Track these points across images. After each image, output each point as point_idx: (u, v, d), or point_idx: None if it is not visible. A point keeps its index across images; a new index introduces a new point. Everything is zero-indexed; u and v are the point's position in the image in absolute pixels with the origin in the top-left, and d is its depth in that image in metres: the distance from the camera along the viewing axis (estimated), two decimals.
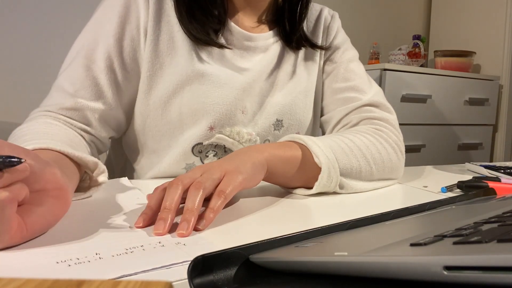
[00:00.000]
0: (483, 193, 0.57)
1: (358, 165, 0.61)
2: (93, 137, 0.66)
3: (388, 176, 0.66)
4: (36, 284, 0.19)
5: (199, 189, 0.43)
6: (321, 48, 0.79)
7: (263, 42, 0.73)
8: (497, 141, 2.53)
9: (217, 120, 0.67)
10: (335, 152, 0.59)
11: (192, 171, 0.48)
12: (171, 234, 0.39)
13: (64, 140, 0.55)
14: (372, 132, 0.68)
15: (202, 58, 0.67)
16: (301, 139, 0.59)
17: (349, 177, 0.60)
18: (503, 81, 2.46)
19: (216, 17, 0.68)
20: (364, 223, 0.39)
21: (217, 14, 0.68)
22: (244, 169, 0.49)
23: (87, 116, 0.63)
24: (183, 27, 0.66)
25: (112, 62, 0.63)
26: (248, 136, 0.70)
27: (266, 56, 0.73)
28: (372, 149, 0.63)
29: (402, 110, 1.97)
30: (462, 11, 2.66)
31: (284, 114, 0.74)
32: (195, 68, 0.66)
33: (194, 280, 0.27)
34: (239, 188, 0.48)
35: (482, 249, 0.20)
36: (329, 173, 0.56)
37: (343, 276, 0.25)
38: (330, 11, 0.84)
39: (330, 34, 0.81)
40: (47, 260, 0.32)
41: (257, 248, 0.31)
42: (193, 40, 0.66)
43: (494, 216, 0.32)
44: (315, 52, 0.79)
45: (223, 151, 0.70)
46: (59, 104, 0.62)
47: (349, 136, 0.64)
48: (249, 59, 0.72)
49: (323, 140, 0.60)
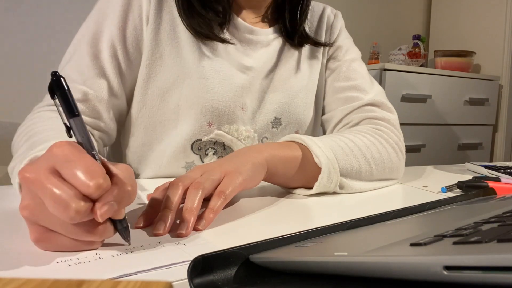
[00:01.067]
0: (483, 193, 0.57)
1: (358, 165, 0.61)
2: (102, 132, 0.65)
3: (388, 176, 0.67)
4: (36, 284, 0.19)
5: (198, 189, 0.43)
6: (324, 45, 0.79)
7: (265, 37, 0.73)
8: (497, 141, 2.53)
9: (215, 116, 0.67)
10: (335, 152, 0.59)
11: (192, 171, 0.48)
12: (171, 234, 0.39)
13: None
14: (372, 132, 0.68)
15: (205, 52, 0.67)
16: (301, 139, 0.59)
17: (349, 177, 0.60)
18: (503, 81, 2.46)
19: (221, 12, 0.68)
20: (364, 223, 0.39)
21: (221, 10, 0.68)
22: (244, 170, 0.49)
23: (97, 107, 0.63)
24: (184, 21, 0.66)
25: (116, 51, 0.63)
26: (247, 133, 0.70)
27: (267, 51, 0.73)
28: (372, 149, 0.63)
29: (402, 110, 1.97)
30: (462, 11, 2.66)
31: (283, 112, 0.74)
32: (197, 61, 0.66)
33: (194, 280, 0.27)
34: (239, 189, 0.48)
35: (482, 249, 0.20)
36: (329, 174, 0.56)
37: (343, 276, 0.25)
38: (333, 10, 0.84)
39: (333, 32, 0.81)
40: (47, 260, 0.32)
41: (257, 248, 0.31)
42: (195, 34, 0.66)
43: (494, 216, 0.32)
44: (318, 49, 0.79)
45: (223, 148, 0.70)
46: None
47: (350, 136, 0.64)
48: (251, 55, 0.72)
49: (323, 140, 0.60)
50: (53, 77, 0.32)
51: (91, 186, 0.30)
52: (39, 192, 0.31)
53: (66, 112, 0.33)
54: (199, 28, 0.66)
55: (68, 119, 0.33)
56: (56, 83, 0.32)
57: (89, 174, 0.30)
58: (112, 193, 0.32)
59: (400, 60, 2.41)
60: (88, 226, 0.32)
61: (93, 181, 0.30)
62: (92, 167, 0.31)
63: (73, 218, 0.30)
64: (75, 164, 0.31)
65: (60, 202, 0.30)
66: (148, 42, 0.65)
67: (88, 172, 0.30)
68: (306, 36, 0.77)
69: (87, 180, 0.30)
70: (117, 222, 0.34)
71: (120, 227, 0.35)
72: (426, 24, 2.90)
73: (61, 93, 0.32)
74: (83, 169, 0.31)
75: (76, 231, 0.32)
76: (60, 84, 0.32)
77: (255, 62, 0.71)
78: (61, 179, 0.31)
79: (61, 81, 0.32)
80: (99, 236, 0.33)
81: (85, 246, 0.34)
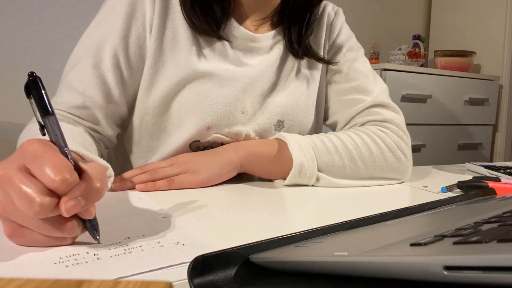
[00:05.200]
0: (483, 193, 0.57)
1: (342, 163, 0.65)
2: (101, 135, 0.66)
3: (384, 176, 0.67)
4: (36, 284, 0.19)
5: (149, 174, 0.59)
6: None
7: (267, 42, 0.73)
8: (497, 141, 2.53)
9: (215, 120, 0.66)
10: (317, 149, 0.64)
11: (165, 161, 0.63)
12: (171, 234, 0.39)
13: (78, 140, 0.55)
14: (370, 132, 0.68)
15: (205, 56, 0.67)
16: (284, 137, 0.65)
17: (331, 174, 0.65)
18: (503, 81, 2.46)
19: (219, 13, 0.67)
20: (364, 223, 0.39)
21: (220, 10, 0.67)
22: (207, 171, 0.61)
23: (95, 114, 0.64)
24: (185, 15, 0.65)
25: (118, 60, 0.64)
26: (247, 136, 0.70)
27: (269, 56, 0.73)
28: (362, 148, 0.66)
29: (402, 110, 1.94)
30: (462, 11, 2.66)
31: (286, 114, 0.73)
32: (197, 66, 0.65)
33: (194, 280, 0.27)
34: (191, 187, 0.60)
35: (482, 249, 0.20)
36: (301, 170, 0.63)
37: (343, 276, 0.25)
38: (334, 7, 0.82)
39: (333, 31, 0.79)
40: (45, 261, 0.32)
41: (257, 248, 0.31)
42: (194, 29, 0.66)
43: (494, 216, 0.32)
44: (319, 51, 0.78)
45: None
46: (69, 103, 0.62)
47: (341, 135, 0.67)
48: (252, 60, 0.71)
49: (308, 138, 0.66)
50: (30, 77, 0.33)
51: (57, 181, 0.30)
52: (8, 188, 0.31)
53: (40, 111, 0.33)
54: (198, 23, 0.65)
55: (42, 117, 0.34)
56: (33, 83, 0.33)
57: (55, 169, 0.31)
58: (80, 188, 0.32)
59: (400, 60, 2.41)
60: (56, 222, 0.33)
61: (58, 176, 0.31)
62: (59, 163, 0.31)
63: (38, 213, 0.30)
64: (43, 160, 0.31)
65: (25, 197, 0.30)
66: (152, 50, 0.65)
67: (55, 167, 0.31)
68: (310, 49, 0.76)
69: (52, 175, 0.31)
70: (86, 220, 0.35)
71: (89, 225, 0.35)
72: (426, 24, 2.90)
73: (36, 92, 0.33)
74: (50, 165, 0.31)
75: (45, 226, 0.33)
76: (36, 84, 0.33)
77: (256, 66, 0.71)
78: (28, 175, 0.31)
79: (37, 81, 0.33)
80: (67, 232, 0.34)
81: (56, 242, 0.34)
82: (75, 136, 0.56)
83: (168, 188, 0.58)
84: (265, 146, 0.66)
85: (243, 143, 0.66)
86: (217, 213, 0.48)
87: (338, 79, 0.78)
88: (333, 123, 0.80)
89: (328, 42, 0.80)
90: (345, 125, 0.76)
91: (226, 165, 0.63)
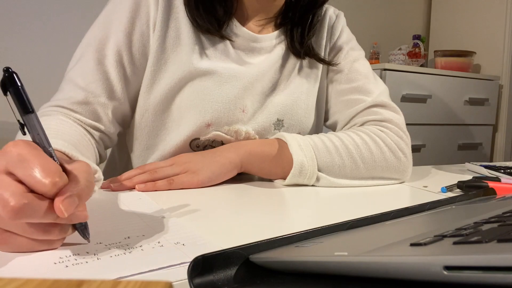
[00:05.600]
0: (483, 193, 0.57)
1: (342, 163, 0.65)
2: (102, 134, 0.66)
3: (384, 176, 0.68)
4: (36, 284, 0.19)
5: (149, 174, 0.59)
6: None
7: (269, 43, 0.73)
8: (497, 141, 2.53)
9: (215, 117, 0.67)
10: (317, 149, 0.64)
11: (165, 161, 0.63)
12: (171, 234, 0.39)
13: (72, 140, 0.54)
14: (370, 132, 0.68)
15: (206, 55, 0.67)
16: (284, 137, 0.65)
17: (331, 174, 0.65)
18: (503, 81, 2.46)
19: (222, 12, 0.68)
20: (364, 223, 0.39)
21: (222, 11, 0.68)
22: (207, 171, 0.61)
23: (97, 111, 0.64)
24: (189, 14, 0.66)
25: (121, 56, 0.64)
26: (247, 134, 0.70)
27: (271, 56, 0.73)
28: (362, 148, 0.66)
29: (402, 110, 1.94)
30: (462, 11, 2.66)
31: (286, 114, 0.74)
32: (198, 64, 0.66)
33: (194, 280, 0.27)
34: (191, 187, 0.60)
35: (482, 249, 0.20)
36: (301, 170, 0.62)
37: (343, 276, 0.25)
38: (336, 10, 0.83)
39: (334, 34, 0.80)
40: (45, 261, 0.32)
41: (257, 248, 0.31)
42: (197, 28, 0.66)
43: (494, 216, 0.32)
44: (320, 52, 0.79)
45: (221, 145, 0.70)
46: (71, 98, 0.62)
47: (341, 135, 0.67)
48: (254, 59, 0.72)
49: (308, 138, 0.66)
50: (5, 73, 0.31)
51: (47, 184, 0.30)
52: None
53: (19, 109, 0.32)
54: (201, 21, 0.66)
55: (22, 116, 0.32)
56: (9, 79, 0.31)
57: (45, 172, 0.30)
58: (69, 188, 0.31)
59: (400, 60, 2.41)
60: (45, 224, 0.32)
61: (48, 179, 0.30)
62: (47, 165, 0.31)
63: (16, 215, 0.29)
64: (30, 163, 0.30)
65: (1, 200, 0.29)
66: (154, 48, 0.65)
67: (43, 170, 0.30)
68: (312, 50, 0.76)
69: (42, 178, 0.30)
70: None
71: (79, 225, 0.34)
72: (426, 24, 2.90)
73: (14, 89, 0.31)
74: (38, 168, 0.30)
75: (33, 230, 0.32)
76: (13, 80, 0.31)
77: (258, 66, 0.71)
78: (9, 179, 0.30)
79: (13, 77, 0.31)
80: (57, 234, 0.33)
81: (44, 246, 0.33)
82: (70, 136, 0.55)
83: (168, 188, 0.58)
84: (265, 146, 0.66)
85: (243, 143, 0.66)
86: (217, 213, 0.48)
87: (338, 79, 0.78)
88: (333, 123, 0.80)
89: (329, 44, 0.80)
90: (345, 125, 0.76)
91: (226, 164, 0.63)
